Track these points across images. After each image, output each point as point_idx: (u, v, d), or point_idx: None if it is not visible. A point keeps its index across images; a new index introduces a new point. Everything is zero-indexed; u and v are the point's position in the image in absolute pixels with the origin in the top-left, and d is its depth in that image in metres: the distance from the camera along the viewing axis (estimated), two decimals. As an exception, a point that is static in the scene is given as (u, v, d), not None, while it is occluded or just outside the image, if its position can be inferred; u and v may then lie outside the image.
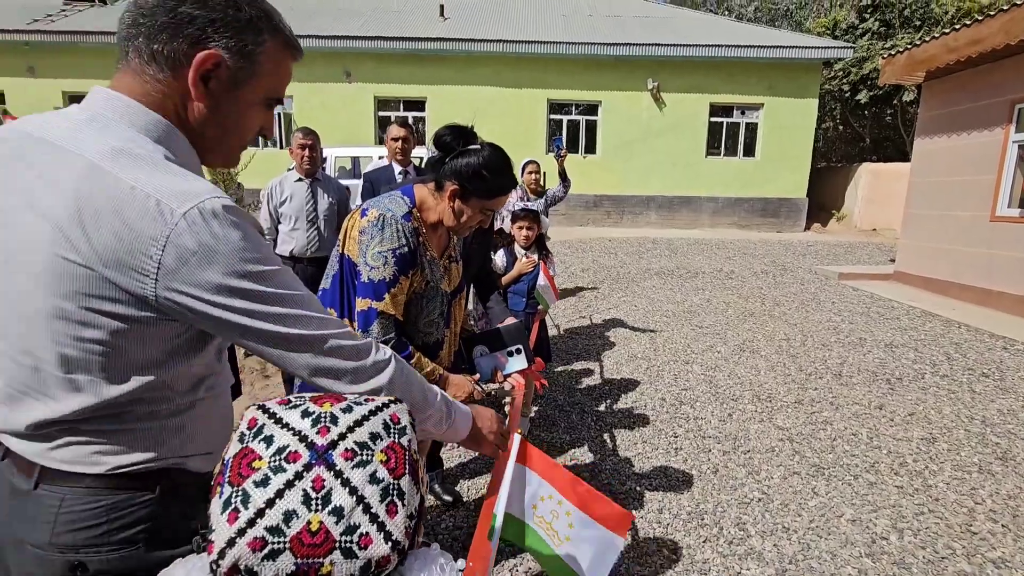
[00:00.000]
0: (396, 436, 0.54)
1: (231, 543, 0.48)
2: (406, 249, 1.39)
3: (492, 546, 1.35)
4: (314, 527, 0.48)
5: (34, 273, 0.66)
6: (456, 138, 1.44)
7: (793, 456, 2.99)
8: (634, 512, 2.46)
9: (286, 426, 0.54)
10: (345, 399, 0.58)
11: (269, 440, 0.52)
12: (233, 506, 0.49)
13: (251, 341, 0.73)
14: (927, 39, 6.91)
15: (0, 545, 0.75)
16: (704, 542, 2.27)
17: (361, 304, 1.40)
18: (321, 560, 0.47)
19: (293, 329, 0.73)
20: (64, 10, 13.90)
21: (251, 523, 0.48)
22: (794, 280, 7.79)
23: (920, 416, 3.51)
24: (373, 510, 0.49)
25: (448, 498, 2.46)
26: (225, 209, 0.68)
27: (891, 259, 9.05)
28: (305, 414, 0.55)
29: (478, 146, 1.45)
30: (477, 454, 2.94)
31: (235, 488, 0.50)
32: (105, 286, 0.66)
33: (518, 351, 1.74)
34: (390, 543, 0.48)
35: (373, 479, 0.50)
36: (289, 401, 0.57)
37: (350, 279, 1.44)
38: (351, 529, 0.48)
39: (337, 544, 0.47)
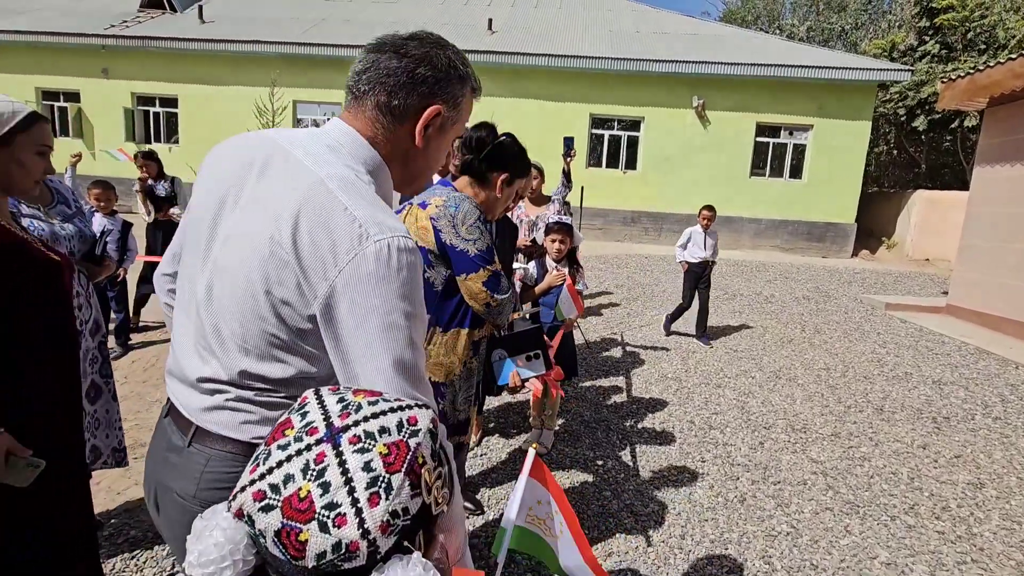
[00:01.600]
0: (405, 436, 0.56)
1: (243, 489, 0.54)
2: (484, 217, 1.60)
3: (500, 560, 1.36)
4: (303, 494, 0.51)
5: (248, 254, 0.79)
6: (492, 135, 1.66)
7: (826, 491, 2.87)
8: (656, 535, 2.41)
9: (322, 406, 0.59)
10: (380, 394, 0.61)
11: (304, 415, 0.58)
12: (257, 460, 0.56)
13: (356, 356, 0.77)
14: (991, 64, 6.61)
15: (155, 487, 0.90)
16: (727, 572, 2.20)
17: (481, 276, 1.55)
18: (301, 526, 0.50)
19: (400, 357, 0.77)
20: (138, 16, 14.79)
21: (262, 476, 0.54)
22: (837, 308, 7.51)
23: (968, 459, 3.32)
24: (356, 494, 0.51)
25: (469, 505, 2.47)
26: (408, 250, 0.77)
27: (944, 291, 8.62)
28: (340, 400, 0.60)
29: (504, 137, 1.67)
30: (499, 461, 2.94)
31: (266, 447, 0.57)
32: (292, 278, 0.77)
33: (536, 356, 1.76)
34: (361, 530, 0.50)
35: (367, 467, 0.53)
36: (337, 389, 0.63)
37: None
38: (332, 505, 0.50)
39: (316, 515, 0.50)
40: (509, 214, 2.95)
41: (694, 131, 12.96)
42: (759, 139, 13.02)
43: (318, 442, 0.55)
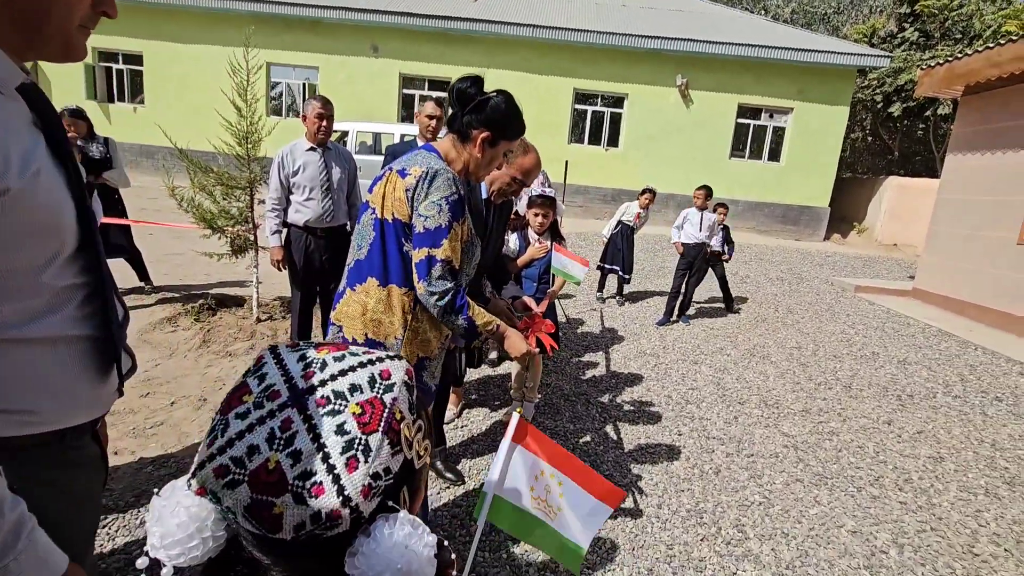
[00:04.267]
0: (380, 392, 0.53)
1: (201, 465, 0.49)
2: (457, 196, 1.45)
3: (479, 523, 1.37)
4: (271, 466, 0.47)
5: None
6: (479, 89, 1.52)
7: (797, 463, 2.96)
8: (633, 505, 2.46)
9: (282, 366, 0.54)
10: (346, 347, 0.57)
11: (263, 377, 0.53)
12: (215, 432, 0.51)
13: None
14: (969, 52, 6.71)
15: None
16: (702, 540, 2.27)
17: (418, 255, 1.43)
18: (274, 499, 0.47)
19: None
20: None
21: (221, 450, 0.49)
22: (809, 289, 7.69)
23: (929, 435, 3.46)
24: (331, 461, 0.48)
25: (450, 476, 2.47)
26: None
27: (910, 275, 8.91)
28: (302, 358, 0.55)
29: (495, 93, 1.52)
30: (479, 433, 2.95)
31: (222, 417, 0.51)
32: None
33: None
34: (341, 497, 0.47)
35: (340, 430, 0.49)
36: (297, 345, 0.57)
37: (393, 242, 1.48)
38: (305, 475, 0.47)
39: (290, 487, 0.47)
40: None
41: (677, 110, 12.93)
42: (740, 120, 13.09)
43: (282, 407, 0.50)
